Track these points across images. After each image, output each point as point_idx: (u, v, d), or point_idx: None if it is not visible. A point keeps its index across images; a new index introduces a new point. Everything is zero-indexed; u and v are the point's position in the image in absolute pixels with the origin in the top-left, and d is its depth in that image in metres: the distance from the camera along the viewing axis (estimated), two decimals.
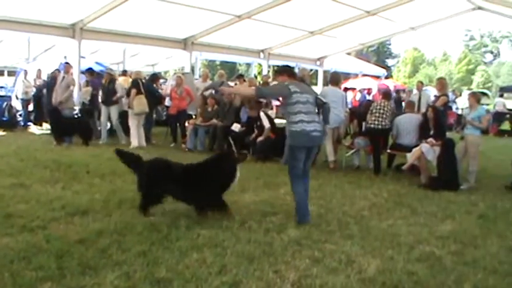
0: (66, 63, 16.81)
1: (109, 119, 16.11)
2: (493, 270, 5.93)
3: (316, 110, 7.77)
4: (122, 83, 17.55)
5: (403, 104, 20.99)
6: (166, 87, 19.65)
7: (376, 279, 5.48)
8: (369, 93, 30.14)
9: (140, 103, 14.83)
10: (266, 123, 13.52)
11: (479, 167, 11.85)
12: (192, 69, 23.85)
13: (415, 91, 17.96)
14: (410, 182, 11.19)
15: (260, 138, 13.54)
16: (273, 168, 12.12)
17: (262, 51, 25.35)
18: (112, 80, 15.92)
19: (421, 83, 17.91)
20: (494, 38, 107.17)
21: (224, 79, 17.49)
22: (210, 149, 14.49)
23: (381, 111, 12.21)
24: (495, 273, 5.84)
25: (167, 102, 18.06)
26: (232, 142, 11.40)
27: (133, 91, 14.84)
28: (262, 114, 13.69)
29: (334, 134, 12.40)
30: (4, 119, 18.93)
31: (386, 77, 44.33)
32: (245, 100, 14.54)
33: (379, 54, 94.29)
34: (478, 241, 7.10)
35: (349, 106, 21.10)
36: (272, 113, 15.55)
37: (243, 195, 9.27)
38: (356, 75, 39.60)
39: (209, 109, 15.21)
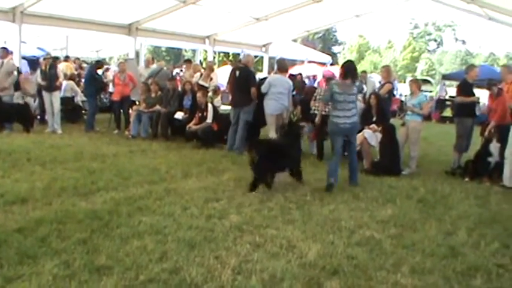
0: (3, 48, 16.33)
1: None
2: (431, 253, 6.06)
3: None
4: (64, 68, 17.28)
5: None
6: (110, 73, 19.41)
7: (316, 264, 5.54)
8: (314, 80, 30.28)
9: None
10: (209, 118, 13.44)
11: (422, 153, 12.08)
12: (137, 55, 23.53)
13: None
14: None
15: (199, 127, 13.49)
16: (216, 155, 12.15)
17: (208, 37, 25.16)
18: (52, 65, 15.50)
19: (365, 72, 18.08)
20: (437, 26, 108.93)
21: (163, 66, 17.33)
22: (153, 136, 14.40)
23: None
24: (432, 256, 5.98)
25: (110, 88, 17.81)
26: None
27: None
28: (210, 106, 13.59)
29: (278, 121, 12.40)
30: None
31: (332, 64, 44.49)
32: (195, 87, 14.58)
33: (325, 41, 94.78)
34: (417, 225, 7.25)
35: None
36: (218, 100, 15.44)
37: (185, 181, 9.28)
38: (302, 62, 39.72)
39: (152, 95, 15.07)
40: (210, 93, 14.78)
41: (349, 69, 9.50)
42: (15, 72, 15.41)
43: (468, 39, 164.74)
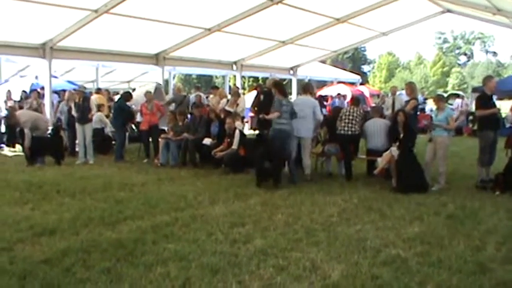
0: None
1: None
2: (458, 270, 5.95)
3: None
4: (96, 100, 17.55)
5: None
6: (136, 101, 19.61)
7: (339, 285, 5.50)
8: (343, 100, 30.24)
9: None
10: (235, 144, 13.48)
11: (452, 168, 11.95)
12: (166, 83, 23.79)
13: (390, 96, 18.06)
14: (382, 187, 11.23)
15: (224, 153, 13.58)
16: (243, 180, 12.13)
17: (235, 63, 25.36)
18: (85, 97, 15.74)
19: (395, 87, 18.06)
20: (467, 39, 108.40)
21: (184, 93, 17.45)
22: (182, 163, 14.46)
23: (350, 117, 12.27)
24: (459, 273, 5.87)
25: (138, 118, 18.00)
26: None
27: None
28: (237, 132, 13.64)
29: (311, 145, 12.41)
30: None
31: (362, 83, 44.48)
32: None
33: (355, 60, 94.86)
34: (444, 241, 7.14)
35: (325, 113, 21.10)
36: (245, 126, 15.49)
37: (212, 207, 9.29)
38: (331, 83, 39.73)
39: (180, 123, 15.17)
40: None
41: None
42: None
43: (499, 51, 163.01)
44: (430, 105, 27.60)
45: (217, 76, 58.20)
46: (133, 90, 26.05)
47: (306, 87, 13.23)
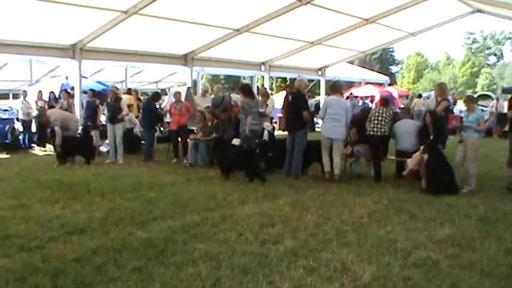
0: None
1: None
2: (490, 273, 5.90)
3: None
4: (127, 101, 17.69)
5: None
6: (165, 103, 19.73)
7: (370, 286, 5.49)
8: (371, 101, 30.13)
9: None
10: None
11: (482, 170, 11.84)
12: (195, 84, 23.89)
13: (432, 96, 17.81)
14: (412, 188, 11.14)
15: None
16: (272, 180, 12.08)
17: (263, 63, 25.41)
18: (117, 98, 15.87)
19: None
20: (496, 39, 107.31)
21: (223, 93, 17.46)
22: (211, 163, 14.48)
23: (380, 118, 12.20)
24: (491, 276, 5.82)
25: (168, 118, 18.08)
26: None
27: None
28: (265, 133, 13.64)
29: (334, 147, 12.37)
30: (7, 141, 19.00)
31: (390, 84, 44.28)
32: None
33: (383, 61, 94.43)
34: (476, 244, 7.06)
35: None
36: (274, 126, 15.51)
37: (242, 207, 9.29)
38: (359, 83, 39.61)
39: (209, 124, 15.20)
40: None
41: None
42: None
43: None
44: (460, 107, 27.41)
45: (245, 77, 58.14)
46: (163, 90, 26.27)
47: (337, 87, 13.18)
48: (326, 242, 7.09)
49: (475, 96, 30.42)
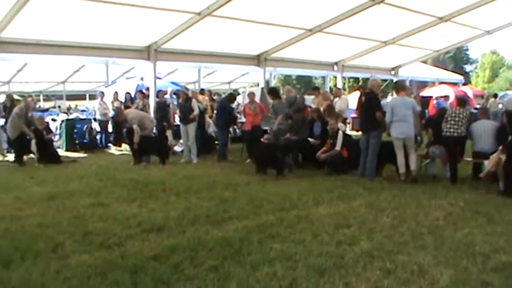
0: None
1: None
2: None
3: None
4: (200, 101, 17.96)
5: None
6: (239, 104, 19.91)
7: None
8: (446, 101, 29.59)
9: None
10: (338, 145, 13.43)
11: None
12: (267, 84, 24.01)
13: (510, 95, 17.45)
14: (489, 190, 10.88)
15: (327, 154, 13.50)
16: (347, 181, 12.05)
17: (336, 63, 25.33)
18: (188, 98, 16.07)
19: None
20: None
21: (294, 94, 17.49)
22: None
23: (456, 118, 11.97)
24: None
25: (241, 118, 18.25)
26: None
27: None
28: (340, 133, 13.58)
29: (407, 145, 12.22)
30: (85, 141, 19.54)
31: (464, 84, 43.39)
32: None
33: (457, 60, 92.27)
34: None
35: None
36: (348, 127, 15.47)
37: (316, 208, 9.30)
38: (433, 83, 38.96)
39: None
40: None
41: None
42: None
43: None
44: None
45: (317, 77, 58.03)
46: (236, 91, 26.47)
47: (399, 87, 12.99)
48: (402, 244, 7.02)
49: None
